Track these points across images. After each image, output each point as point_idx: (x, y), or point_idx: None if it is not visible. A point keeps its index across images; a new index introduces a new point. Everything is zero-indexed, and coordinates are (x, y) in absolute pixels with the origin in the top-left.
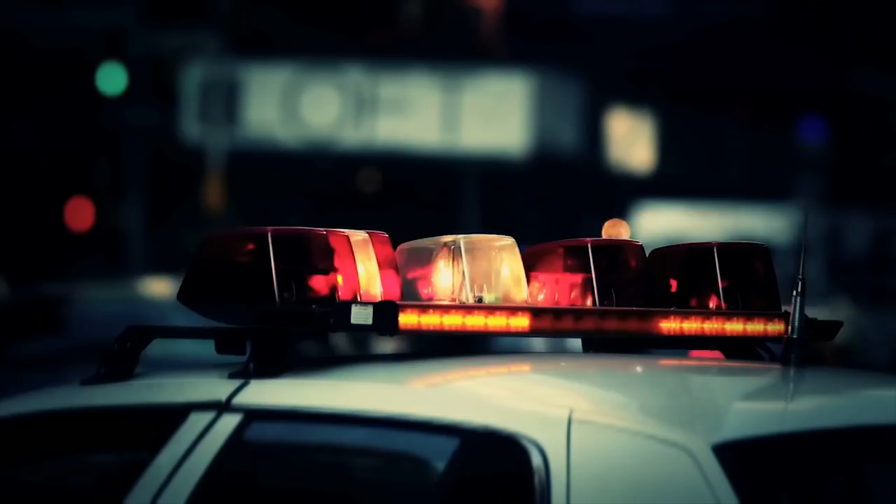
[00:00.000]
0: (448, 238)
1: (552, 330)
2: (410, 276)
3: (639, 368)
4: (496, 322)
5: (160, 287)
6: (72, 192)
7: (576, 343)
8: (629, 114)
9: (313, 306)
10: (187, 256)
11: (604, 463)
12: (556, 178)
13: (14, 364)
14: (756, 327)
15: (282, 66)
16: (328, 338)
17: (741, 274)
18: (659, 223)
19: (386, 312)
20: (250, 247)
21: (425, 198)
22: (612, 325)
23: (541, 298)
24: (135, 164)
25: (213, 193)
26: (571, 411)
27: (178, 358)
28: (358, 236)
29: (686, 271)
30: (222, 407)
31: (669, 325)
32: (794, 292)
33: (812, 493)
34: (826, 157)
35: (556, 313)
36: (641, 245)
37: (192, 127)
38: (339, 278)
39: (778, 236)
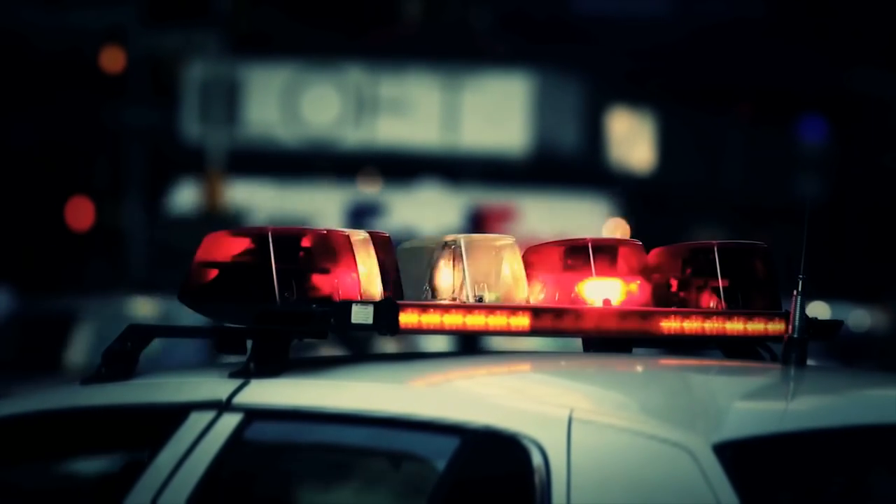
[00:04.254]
0: (448, 237)
1: (553, 329)
2: (411, 275)
3: (639, 368)
4: (497, 321)
5: None
6: (72, 191)
7: (576, 343)
8: (629, 113)
9: (313, 306)
10: (187, 256)
11: (604, 462)
12: (557, 177)
13: None
14: (756, 327)
15: (282, 65)
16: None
17: (741, 273)
18: None
19: (386, 312)
20: (251, 246)
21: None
22: (612, 324)
23: (541, 298)
24: (135, 163)
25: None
26: (572, 411)
27: None
28: (358, 235)
29: (686, 270)
30: (223, 406)
31: (670, 325)
32: (795, 291)
33: (812, 492)
34: (826, 156)
35: (557, 313)
36: (641, 244)
37: (192, 126)
38: (340, 278)
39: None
